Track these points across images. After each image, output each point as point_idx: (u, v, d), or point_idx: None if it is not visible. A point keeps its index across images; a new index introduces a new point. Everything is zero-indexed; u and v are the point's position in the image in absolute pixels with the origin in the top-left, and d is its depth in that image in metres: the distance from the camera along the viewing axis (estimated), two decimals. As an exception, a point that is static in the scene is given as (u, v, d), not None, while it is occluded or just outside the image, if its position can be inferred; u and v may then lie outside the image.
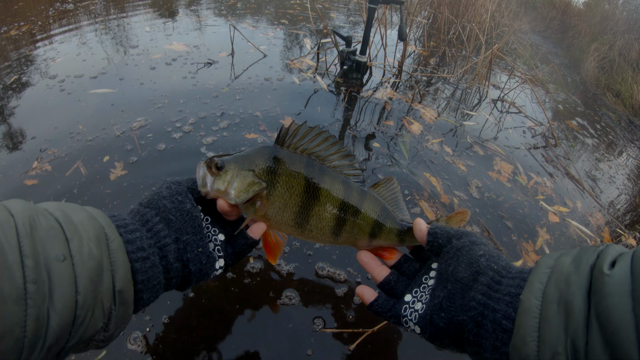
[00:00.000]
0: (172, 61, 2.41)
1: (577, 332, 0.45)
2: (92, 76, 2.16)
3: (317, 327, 1.07)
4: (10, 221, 0.44)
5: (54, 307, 0.44)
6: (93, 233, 0.52)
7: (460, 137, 2.19)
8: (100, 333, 0.52)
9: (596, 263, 0.49)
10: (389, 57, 2.81)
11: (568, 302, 0.47)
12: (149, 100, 1.97)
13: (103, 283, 0.50)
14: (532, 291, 0.52)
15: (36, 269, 0.43)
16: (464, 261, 0.66)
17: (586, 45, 5.52)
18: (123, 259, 0.55)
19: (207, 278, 0.73)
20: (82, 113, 1.84)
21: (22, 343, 0.41)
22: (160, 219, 0.66)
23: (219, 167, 0.74)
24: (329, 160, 0.80)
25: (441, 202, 1.63)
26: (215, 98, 2.03)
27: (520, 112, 2.77)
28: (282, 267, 1.20)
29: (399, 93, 2.51)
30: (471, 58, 3.18)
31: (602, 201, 2.22)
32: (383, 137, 1.98)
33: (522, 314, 0.51)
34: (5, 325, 0.39)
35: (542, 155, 2.35)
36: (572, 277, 0.49)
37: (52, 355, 0.47)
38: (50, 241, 0.46)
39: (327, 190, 0.79)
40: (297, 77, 2.39)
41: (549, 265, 0.54)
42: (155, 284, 0.62)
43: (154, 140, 1.67)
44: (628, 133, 3.57)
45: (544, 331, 0.48)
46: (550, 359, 0.46)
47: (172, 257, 0.65)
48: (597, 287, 0.45)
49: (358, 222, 0.83)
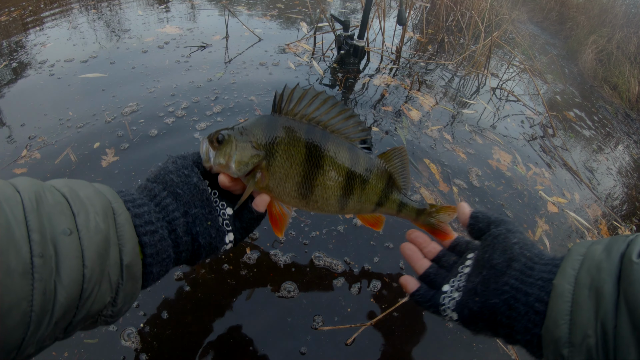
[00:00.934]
0: (165, 44, 2.34)
1: (606, 316, 0.47)
2: (82, 60, 2.09)
3: (317, 324, 1.04)
4: (17, 197, 0.44)
5: (61, 280, 0.44)
6: (100, 207, 0.52)
7: (460, 125, 2.15)
8: (108, 308, 0.52)
9: (626, 251, 0.50)
10: (386, 42, 2.75)
11: (599, 287, 0.49)
12: (140, 84, 1.90)
13: (110, 257, 0.50)
14: (565, 277, 0.55)
15: (43, 243, 0.43)
16: (499, 248, 0.68)
17: (584, 37, 5.49)
18: (130, 233, 0.55)
19: (218, 252, 0.72)
20: (72, 99, 1.77)
21: (29, 317, 0.41)
22: (168, 193, 0.65)
23: (220, 140, 0.71)
24: (331, 125, 0.75)
25: (439, 190, 1.59)
26: (209, 82, 1.97)
27: (519, 100, 2.74)
28: (279, 258, 1.17)
29: (397, 79, 2.45)
30: (469, 46, 3.13)
31: (599, 193, 2.20)
32: (381, 123, 1.93)
33: (555, 298, 0.54)
34: (12, 299, 0.39)
35: (540, 145, 2.32)
36: (603, 264, 0.51)
37: (60, 331, 0.47)
38: (57, 216, 0.46)
39: (331, 158, 0.75)
40: (293, 61, 2.33)
41: (581, 252, 0.56)
42: (165, 258, 0.62)
43: (145, 126, 1.61)
44: (624, 126, 3.57)
45: (576, 314, 0.51)
46: (581, 341, 0.49)
47: (181, 230, 0.64)
48: (626, 274, 0.47)
49: (366, 191, 0.80)
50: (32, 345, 0.43)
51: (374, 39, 2.86)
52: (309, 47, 2.58)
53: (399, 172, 0.84)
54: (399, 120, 2.00)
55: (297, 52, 2.48)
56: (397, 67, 2.63)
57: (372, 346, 1.04)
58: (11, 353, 0.41)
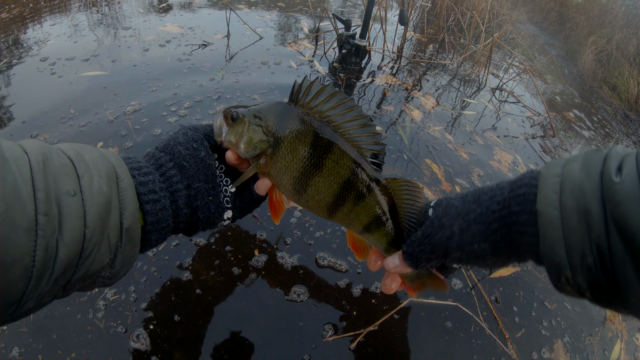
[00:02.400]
0: (166, 43, 2.33)
1: (600, 238, 0.48)
2: (83, 58, 2.07)
3: (327, 334, 1.04)
4: (24, 157, 0.45)
5: (63, 239, 0.45)
6: (104, 171, 0.53)
7: (461, 125, 2.15)
8: (106, 269, 0.54)
9: (604, 169, 0.50)
10: (387, 42, 2.75)
11: (587, 210, 0.49)
12: (142, 83, 1.89)
13: (111, 219, 0.52)
14: (549, 202, 0.54)
15: (47, 202, 0.44)
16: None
17: (584, 38, 5.51)
18: (132, 197, 0.56)
19: (214, 227, 0.74)
20: (73, 96, 1.76)
21: (31, 272, 0.42)
22: (174, 164, 0.67)
23: (234, 118, 0.71)
24: (344, 128, 0.71)
25: (442, 190, 1.60)
26: (211, 81, 1.97)
27: (519, 101, 2.74)
28: (286, 260, 1.17)
29: (398, 79, 2.46)
30: (470, 46, 3.13)
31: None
32: (383, 123, 1.93)
33: (546, 226, 0.53)
34: (15, 253, 0.40)
35: (541, 145, 2.33)
36: (585, 186, 0.51)
37: (59, 288, 0.48)
38: (62, 177, 0.48)
39: (332, 163, 0.71)
40: (295, 60, 2.33)
41: (557, 173, 0.55)
42: (164, 227, 0.63)
43: (149, 125, 1.60)
44: (624, 127, 3.58)
45: (570, 239, 0.51)
46: (580, 261, 0.50)
47: (182, 202, 0.66)
48: (610, 195, 0.48)
49: (358, 209, 0.74)
50: (31, 300, 0.44)
51: (375, 38, 2.86)
52: (310, 46, 2.58)
53: (405, 207, 0.75)
54: (401, 119, 2.00)
55: (298, 50, 2.48)
56: (398, 67, 2.64)
57: (373, 350, 1.04)
58: (12, 306, 0.43)
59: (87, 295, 1.03)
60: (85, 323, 0.99)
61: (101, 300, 1.02)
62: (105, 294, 1.04)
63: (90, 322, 0.99)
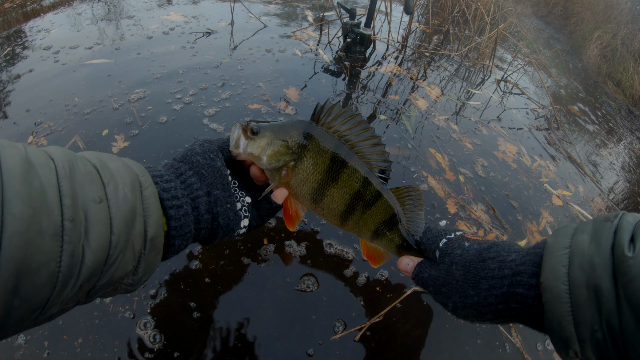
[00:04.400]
0: (170, 30, 2.32)
1: (610, 314, 0.46)
2: (87, 47, 2.06)
3: (339, 329, 1.04)
4: (50, 164, 0.45)
5: (89, 244, 0.45)
6: (128, 180, 0.54)
7: (465, 115, 2.15)
8: (129, 276, 0.54)
9: (615, 243, 0.49)
10: (392, 32, 2.73)
11: (597, 286, 0.48)
12: (146, 70, 1.88)
13: (135, 227, 0.52)
14: (556, 276, 0.53)
15: (74, 208, 0.44)
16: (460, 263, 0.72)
17: (589, 32, 5.47)
18: (155, 206, 0.57)
19: (232, 234, 0.75)
20: (77, 85, 1.76)
21: (56, 278, 0.42)
22: (193, 173, 0.69)
23: (255, 132, 0.76)
24: (358, 147, 0.80)
25: (446, 179, 1.59)
26: (215, 68, 1.96)
27: (524, 93, 2.73)
28: (294, 249, 1.17)
29: (403, 68, 2.44)
30: (475, 38, 3.11)
31: (602, 187, 2.21)
32: (388, 111, 1.93)
33: (554, 301, 0.52)
34: (42, 258, 0.40)
35: (545, 137, 2.32)
36: (596, 259, 0.49)
37: (83, 294, 0.49)
38: (88, 184, 0.48)
39: (346, 177, 0.80)
40: (299, 49, 2.32)
41: (566, 245, 0.54)
42: (187, 232, 0.65)
43: (154, 113, 1.59)
44: (627, 122, 3.57)
45: (579, 315, 0.50)
46: (589, 336, 0.49)
47: (203, 208, 0.68)
48: (623, 271, 0.46)
49: (365, 217, 0.84)
50: (55, 306, 0.44)
51: (380, 28, 2.84)
52: (315, 35, 2.56)
53: (408, 212, 0.85)
54: (406, 108, 1.99)
55: (302, 39, 2.46)
56: (403, 57, 2.62)
57: (378, 340, 1.05)
58: (35, 312, 0.42)
59: None
60: (92, 308, 0.98)
61: None
62: None
63: (97, 307, 0.99)
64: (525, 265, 0.60)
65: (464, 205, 1.50)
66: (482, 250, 0.70)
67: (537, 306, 0.58)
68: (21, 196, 0.39)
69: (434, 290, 0.75)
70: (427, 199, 1.46)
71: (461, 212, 1.46)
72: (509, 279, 0.62)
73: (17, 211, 0.39)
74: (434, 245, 0.80)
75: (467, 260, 0.70)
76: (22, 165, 0.42)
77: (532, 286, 0.58)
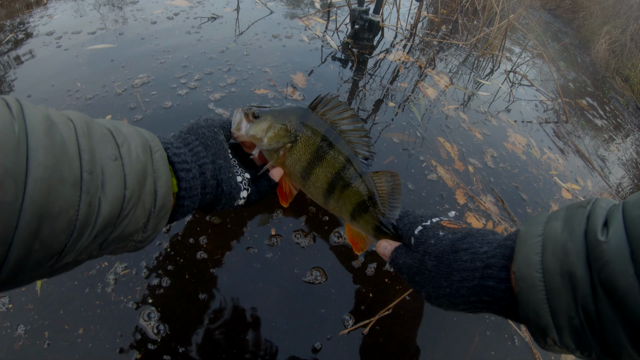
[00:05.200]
0: (175, 16, 2.27)
1: (586, 300, 0.46)
2: (90, 32, 2.01)
3: (349, 323, 1.02)
4: (70, 124, 0.48)
5: (105, 196, 0.48)
6: (140, 143, 0.57)
7: (474, 105, 2.11)
8: (139, 233, 0.58)
9: (588, 228, 0.48)
10: (400, 20, 2.68)
11: (571, 272, 0.48)
12: (150, 55, 1.84)
13: (146, 186, 0.56)
14: (530, 264, 0.52)
15: (92, 163, 0.47)
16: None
17: (597, 27, 5.40)
18: (164, 168, 0.61)
19: (233, 203, 0.81)
20: (80, 70, 1.72)
21: (74, 225, 0.45)
22: (199, 142, 0.74)
23: (256, 116, 0.83)
24: (347, 135, 0.87)
25: (455, 169, 1.56)
26: (221, 53, 1.92)
27: (532, 85, 2.69)
28: (301, 240, 1.14)
29: (412, 57, 2.40)
30: (483, 28, 3.06)
31: (610, 182, 2.18)
32: (396, 99, 1.89)
33: (528, 290, 0.52)
34: (62, 204, 0.43)
35: (554, 130, 2.29)
36: (569, 246, 0.49)
37: (96, 246, 0.51)
38: (104, 144, 0.51)
39: (331, 157, 0.86)
40: (306, 35, 2.27)
41: (539, 233, 0.54)
42: (195, 194, 0.69)
43: (158, 98, 1.56)
44: (635, 119, 3.53)
45: (554, 302, 0.49)
46: (567, 323, 0.48)
47: (209, 174, 0.73)
48: (596, 256, 0.45)
49: (344, 196, 0.89)
50: (70, 254, 0.47)
51: (389, 13, 2.79)
52: (322, 21, 2.51)
53: (385, 196, 0.89)
54: (415, 96, 1.96)
55: (309, 25, 2.42)
56: (411, 45, 2.58)
57: (387, 333, 1.02)
58: (53, 258, 0.45)
59: (95, 269, 1.01)
60: (93, 297, 0.96)
61: (111, 274, 1.00)
62: (116, 267, 1.01)
63: (99, 297, 0.97)
64: (496, 258, 0.60)
65: (472, 196, 1.47)
66: (455, 240, 0.70)
67: (507, 299, 0.57)
68: (45, 146, 0.42)
69: (408, 278, 0.76)
70: (436, 189, 1.43)
71: (470, 203, 1.43)
72: (480, 271, 0.61)
73: (42, 159, 0.41)
74: (410, 232, 0.80)
75: (440, 251, 0.70)
76: (45, 121, 0.44)
77: (502, 279, 0.58)
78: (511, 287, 0.57)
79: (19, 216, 0.39)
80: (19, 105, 0.44)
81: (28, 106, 0.45)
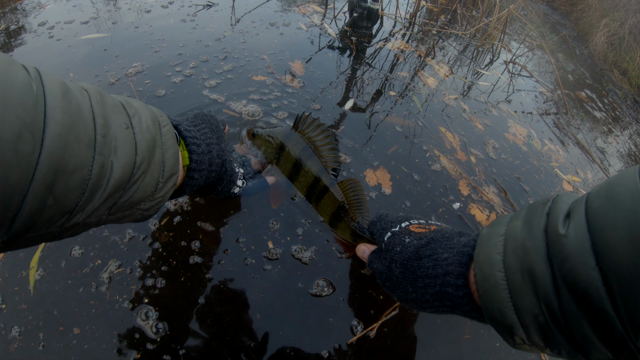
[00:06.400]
0: (169, 4, 2.21)
1: (547, 296, 0.45)
2: (83, 21, 1.95)
3: (357, 329, 0.98)
4: (84, 92, 0.50)
5: (117, 160, 0.50)
6: (149, 115, 0.60)
7: (475, 96, 2.08)
8: (146, 201, 0.60)
9: (548, 224, 0.48)
10: (399, 9, 2.64)
11: (530, 269, 0.47)
12: (145, 44, 1.78)
13: (155, 155, 0.58)
14: (492, 264, 0.52)
15: (105, 127, 0.49)
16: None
17: (596, 19, 5.37)
18: (172, 141, 0.63)
19: (232, 187, 0.89)
20: (72, 60, 1.66)
21: (86, 184, 0.47)
22: (206, 125, 0.80)
23: (254, 135, 1.09)
24: (319, 150, 1.02)
25: (457, 159, 1.53)
26: (217, 41, 1.87)
27: (532, 76, 2.66)
28: (302, 255, 1.07)
29: (411, 46, 2.36)
30: (482, 19, 3.02)
31: (610, 174, 2.16)
32: (395, 88, 1.85)
33: (492, 290, 0.52)
34: (76, 162, 0.44)
35: (554, 121, 2.26)
36: (528, 243, 0.49)
37: (105, 210, 0.53)
38: (116, 114, 0.54)
39: (304, 172, 1.03)
40: (304, 23, 2.22)
41: (500, 233, 0.54)
42: (204, 169, 0.74)
43: (152, 86, 1.51)
44: (633, 112, 3.52)
45: (517, 301, 0.49)
46: (532, 321, 0.48)
47: (215, 153, 0.78)
48: (556, 251, 0.45)
49: (319, 208, 1.05)
50: (81, 214, 0.48)
51: (387, 3, 2.74)
52: (320, 9, 2.46)
53: (353, 203, 0.98)
54: (415, 86, 1.92)
55: (307, 13, 2.37)
56: (410, 34, 2.54)
57: (394, 335, 1.00)
58: (64, 216, 0.47)
59: (89, 267, 0.97)
60: (88, 297, 0.93)
61: (105, 272, 0.96)
62: (110, 266, 0.97)
63: (93, 296, 0.93)
64: (454, 265, 0.61)
65: (475, 187, 1.44)
66: (419, 247, 0.70)
67: (467, 304, 0.58)
68: (62, 107, 0.44)
69: (381, 283, 0.77)
70: (440, 180, 1.40)
71: (473, 194, 1.40)
72: (440, 278, 0.62)
73: (59, 117, 0.43)
74: (381, 238, 0.82)
75: (405, 258, 0.71)
76: (61, 87, 0.46)
77: (459, 286, 0.59)
78: (470, 293, 0.58)
79: (35, 168, 0.40)
80: (36, 71, 0.46)
81: (45, 72, 0.47)
